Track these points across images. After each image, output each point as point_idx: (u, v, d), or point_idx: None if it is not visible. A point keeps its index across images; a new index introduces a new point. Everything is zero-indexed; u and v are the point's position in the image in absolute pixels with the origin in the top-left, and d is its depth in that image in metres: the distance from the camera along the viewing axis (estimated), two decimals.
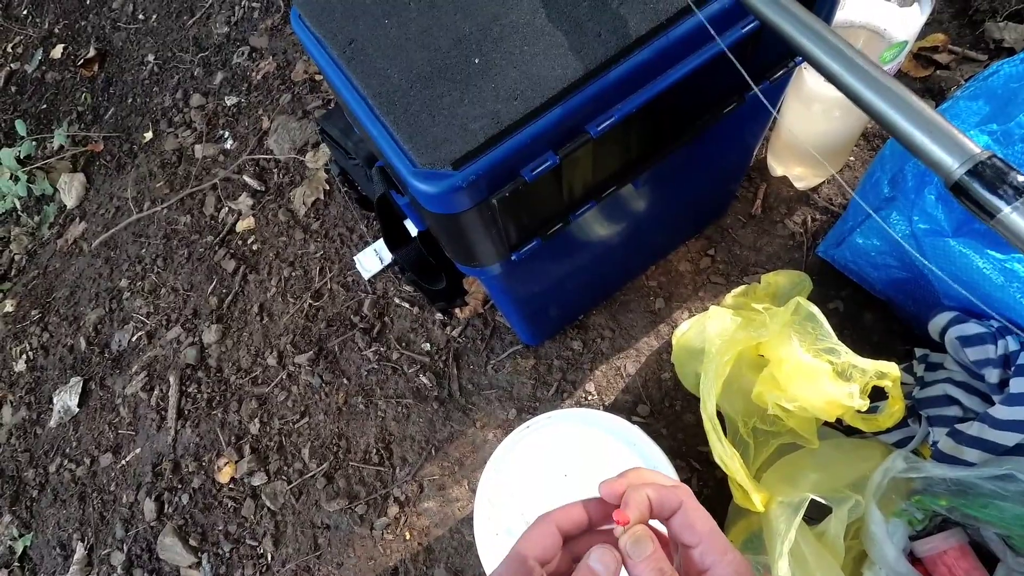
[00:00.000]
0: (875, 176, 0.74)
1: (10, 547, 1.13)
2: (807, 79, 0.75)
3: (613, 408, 0.86)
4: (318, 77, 1.30)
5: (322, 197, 1.17)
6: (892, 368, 0.60)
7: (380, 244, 1.07)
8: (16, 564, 1.11)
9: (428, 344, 0.97)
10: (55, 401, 1.20)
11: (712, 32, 0.44)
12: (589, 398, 0.87)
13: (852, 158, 0.93)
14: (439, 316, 0.98)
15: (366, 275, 1.05)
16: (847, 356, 0.60)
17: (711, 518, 0.34)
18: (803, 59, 0.38)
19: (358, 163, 0.76)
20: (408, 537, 0.86)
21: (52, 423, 1.19)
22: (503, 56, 0.46)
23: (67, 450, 1.15)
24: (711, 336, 0.70)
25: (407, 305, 1.01)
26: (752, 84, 0.43)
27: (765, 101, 0.41)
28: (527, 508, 0.68)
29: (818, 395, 0.60)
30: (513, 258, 0.56)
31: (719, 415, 0.69)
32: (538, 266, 0.67)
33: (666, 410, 0.85)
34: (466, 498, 0.86)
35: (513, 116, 0.44)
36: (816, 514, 0.66)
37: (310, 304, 1.07)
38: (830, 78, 0.36)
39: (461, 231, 0.51)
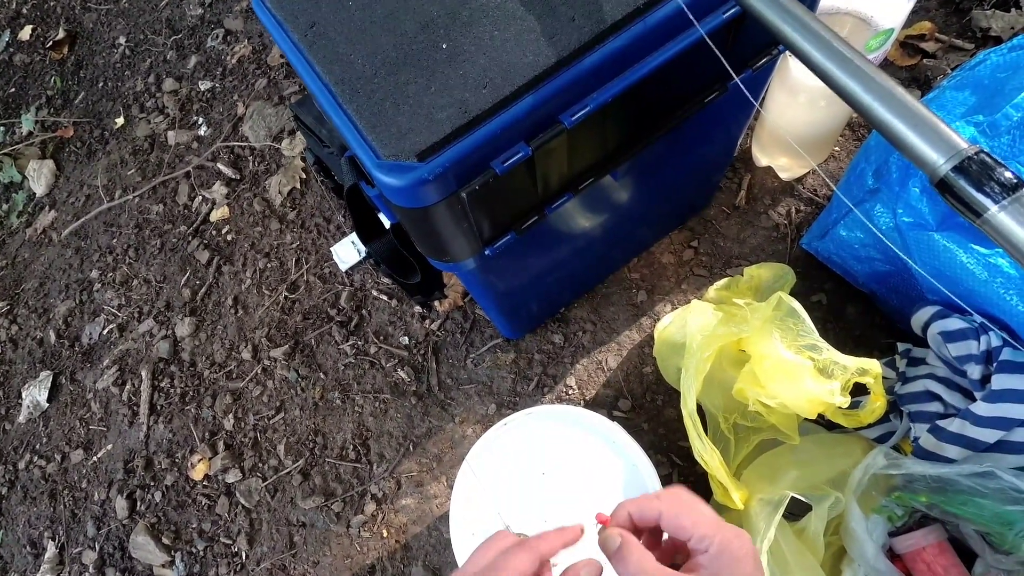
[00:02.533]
0: (859, 167, 0.73)
1: None
2: (792, 68, 0.73)
3: (594, 403, 0.84)
4: None
5: (298, 186, 1.14)
6: (874, 365, 0.59)
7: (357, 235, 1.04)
8: None
9: (407, 338, 0.95)
10: (24, 396, 1.17)
11: (691, 18, 0.42)
12: (570, 393, 0.86)
13: (837, 148, 0.92)
14: (418, 309, 0.96)
15: (343, 267, 1.02)
16: (828, 353, 0.59)
17: (697, 507, 0.38)
18: (784, 47, 0.36)
19: (332, 151, 0.73)
20: (385, 535, 0.85)
21: (21, 418, 1.15)
22: (472, 42, 0.44)
23: (37, 446, 1.12)
24: (692, 331, 0.69)
25: (385, 298, 0.99)
26: (732, 73, 0.41)
27: (746, 91, 0.40)
28: (504, 507, 0.66)
29: (799, 392, 0.59)
30: (487, 253, 0.54)
31: (700, 411, 0.68)
32: (514, 260, 0.65)
33: (647, 405, 0.84)
34: (444, 495, 0.85)
35: (482, 105, 0.42)
36: (796, 510, 0.65)
37: (286, 296, 1.04)
38: (812, 67, 0.34)
39: (430, 225, 0.49)
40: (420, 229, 0.51)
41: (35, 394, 1.16)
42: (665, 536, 0.41)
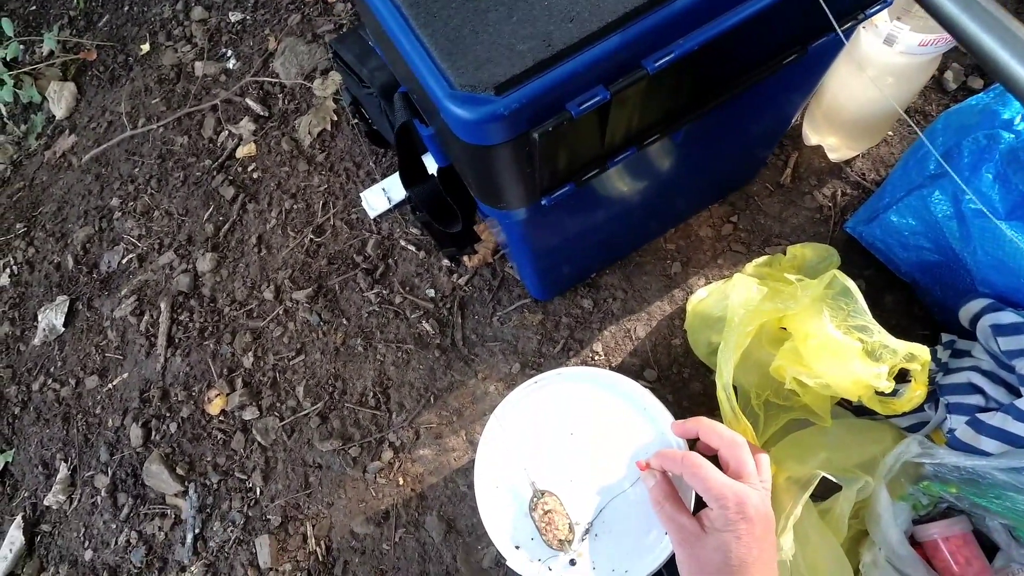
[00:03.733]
0: (921, 151, 0.71)
1: None
2: (863, 40, 0.70)
3: (619, 370, 0.84)
4: None
5: (329, 128, 1.11)
6: (923, 352, 0.58)
7: (388, 183, 1.02)
8: None
9: (433, 290, 0.94)
10: (40, 319, 1.16)
11: None
12: (596, 358, 0.85)
13: (891, 133, 0.89)
14: (446, 263, 0.95)
15: (372, 214, 1.00)
16: (879, 335, 0.58)
17: (710, 471, 0.51)
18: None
19: (372, 92, 0.70)
20: (401, 483, 0.85)
21: (36, 341, 1.15)
22: None
23: (51, 369, 1.12)
24: (734, 305, 0.68)
25: (413, 248, 0.97)
26: (835, 23, 0.39)
27: (844, 38, 0.37)
28: (530, 463, 0.66)
29: (844, 373, 0.58)
30: (543, 202, 0.52)
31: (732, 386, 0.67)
32: (562, 216, 0.63)
33: (673, 376, 0.83)
34: (462, 448, 0.85)
35: (567, 40, 0.40)
36: (820, 492, 0.65)
37: (311, 239, 1.03)
38: (942, 21, 0.32)
39: (493, 167, 0.47)
40: (481, 170, 0.49)
41: (51, 318, 1.15)
42: None
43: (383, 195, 1.00)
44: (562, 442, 0.67)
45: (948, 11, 0.31)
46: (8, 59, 1.44)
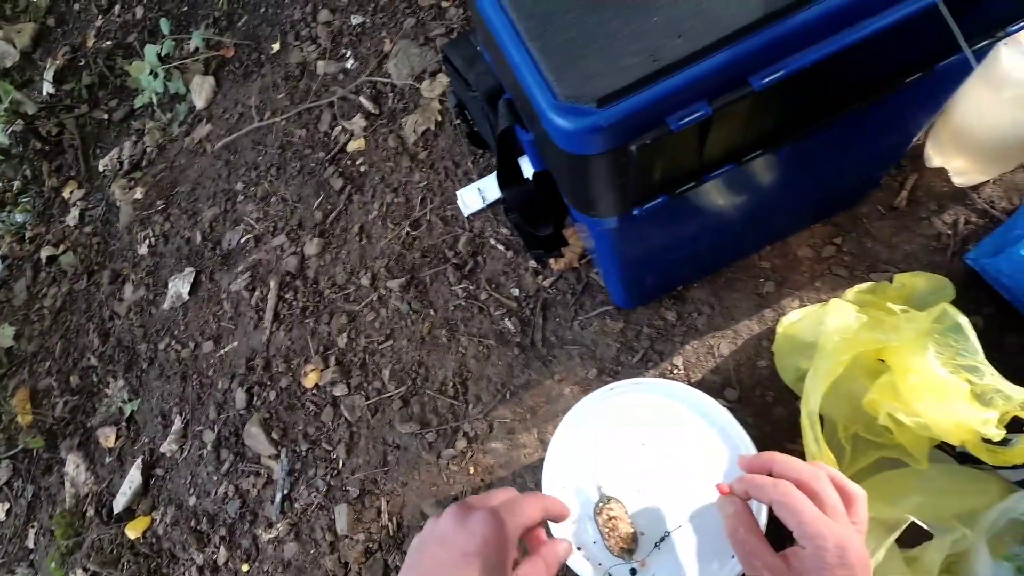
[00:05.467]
0: None
1: (120, 408, 1.26)
2: (1004, 58, 0.64)
3: (699, 386, 0.82)
4: (445, 3, 1.27)
5: (433, 128, 1.16)
6: None
7: (484, 183, 1.06)
8: (124, 424, 1.25)
9: (517, 290, 0.96)
10: (169, 286, 1.31)
11: None
12: (675, 372, 0.84)
13: None
14: (532, 264, 0.97)
15: (466, 212, 1.04)
16: (992, 379, 0.53)
17: (806, 505, 0.44)
18: None
19: (477, 96, 0.74)
20: (472, 472, 0.88)
21: (165, 305, 1.29)
22: None
23: (175, 332, 1.26)
24: (828, 331, 0.65)
25: (502, 248, 1.00)
26: (964, 45, 0.37)
27: (974, 61, 0.35)
28: (599, 468, 0.67)
29: (946, 415, 0.54)
30: (635, 212, 0.53)
31: (818, 416, 0.64)
32: (654, 227, 0.63)
33: (756, 399, 0.80)
34: (533, 446, 0.87)
35: (675, 55, 0.40)
36: (907, 538, 0.61)
37: (408, 232, 1.09)
38: None
39: (588, 176, 0.48)
40: (576, 178, 0.50)
41: (179, 286, 1.29)
42: None
43: (478, 194, 1.04)
44: (633, 451, 0.67)
45: None
46: (163, 54, 1.62)
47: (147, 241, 1.42)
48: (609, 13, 0.42)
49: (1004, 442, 0.57)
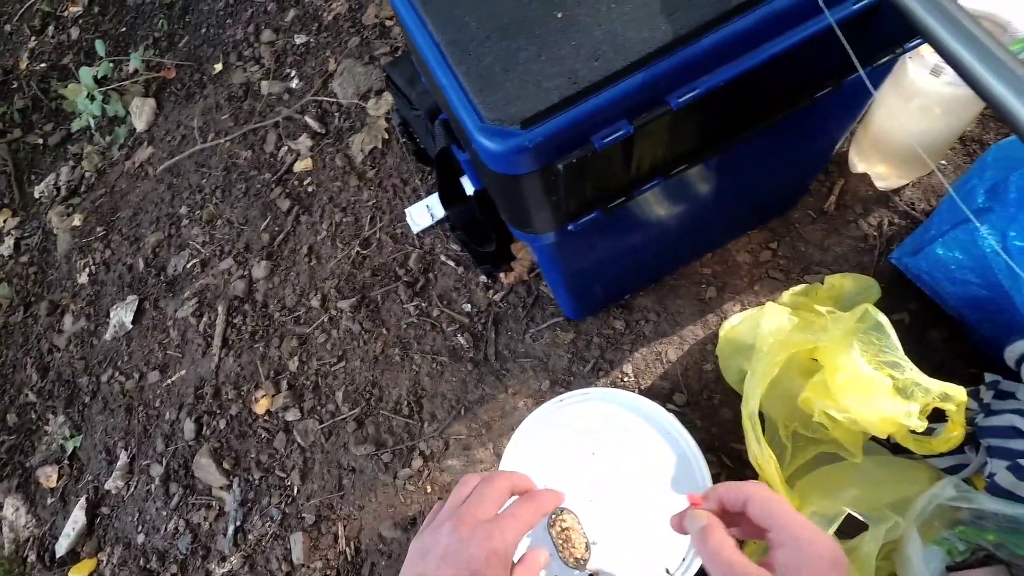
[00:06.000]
0: (970, 184, 0.68)
1: (61, 446, 1.20)
2: (910, 71, 0.69)
3: (649, 393, 0.84)
4: (389, 22, 1.28)
5: (380, 146, 1.16)
6: (959, 392, 0.56)
7: (432, 199, 1.06)
8: (66, 462, 1.19)
9: (469, 305, 0.97)
10: (112, 315, 1.26)
11: (822, 4, 0.40)
12: (625, 379, 0.86)
13: (944, 162, 0.86)
14: (483, 279, 0.97)
15: (415, 229, 1.04)
16: (911, 373, 0.56)
17: (786, 504, 0.41)
18: (924, 40, 0.34)
19: (420, 115, 0.74)
20: (429, 490, 0.88)
21: (107, 336, 1.25)
22: (588, 12, 0.44)
23: (119, 363, 1.21)
24: (764, 334, 0.67)
25: (452, 264, 1.00)
26: (858, 65, 0.39)
27: (870, 85, 0.38)
28: (552, 479, 0.67)
29: (873, 409, 0.57)
30: (570, 228, 0.54)
31: (759, 415, 0.67)
32: (592, 239, 0.65)
33: (703, 402, 0.82)
34: (490, 461, 0.87)
35: (592, 78, 0.42)
36: (848, 529, 0.63)
37: (358, 251, 1.08)
38: (957, 66, 0.32)
39: (520, 194, 0.49)
40: (509, 197, 0.51)
41: (122, 315, 1.25)
42: None
43: (427, 211, 1.04)
44: (584, 461, 0.68)
45: (956, 53, 0.31)
46: (99, 76, 1.57)
47: (87, 269, 1.37)
48: (526, 40, 0.44)
49: (928, 432, 0.61)
